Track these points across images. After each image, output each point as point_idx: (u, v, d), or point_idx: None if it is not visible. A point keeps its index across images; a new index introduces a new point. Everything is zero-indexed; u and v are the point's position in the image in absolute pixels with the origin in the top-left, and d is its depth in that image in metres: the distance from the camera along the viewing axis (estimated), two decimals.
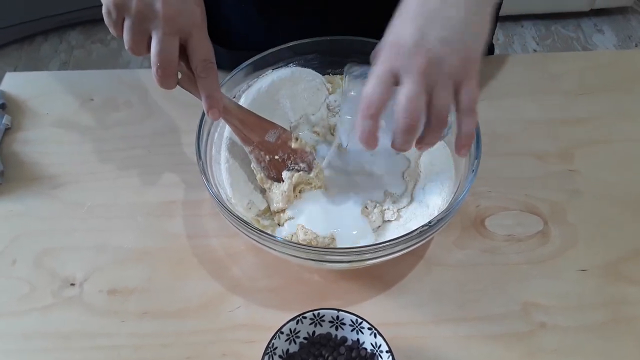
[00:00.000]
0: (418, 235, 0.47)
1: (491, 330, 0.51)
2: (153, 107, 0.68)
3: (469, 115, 0.44)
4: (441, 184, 0.55)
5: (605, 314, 0.52)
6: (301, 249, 0.48)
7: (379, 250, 0.48)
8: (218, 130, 0.57)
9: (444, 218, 0.48)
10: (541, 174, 0.62)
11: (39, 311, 0.53)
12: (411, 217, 0.55)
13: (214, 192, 0.50)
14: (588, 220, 0.58)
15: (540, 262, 0.55)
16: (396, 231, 0.54)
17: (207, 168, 0.53)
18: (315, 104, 0.62)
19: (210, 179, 0.52)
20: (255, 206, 0.56)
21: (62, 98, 0.69)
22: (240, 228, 0.49)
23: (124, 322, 0.52)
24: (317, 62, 0.62)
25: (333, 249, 0.51)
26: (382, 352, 0.46)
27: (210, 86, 0.49)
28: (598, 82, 0.70)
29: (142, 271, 0.55)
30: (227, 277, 0.55)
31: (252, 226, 0.48)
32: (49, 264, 0.55)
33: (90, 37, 1.92)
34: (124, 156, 0.64)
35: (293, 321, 0.47)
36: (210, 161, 0.55)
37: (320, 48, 0.61)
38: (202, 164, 0.52)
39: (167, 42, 0.46)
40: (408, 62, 0.42)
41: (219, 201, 0.49)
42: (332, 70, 0.63)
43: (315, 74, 0.62)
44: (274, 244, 0.48)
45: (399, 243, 0.47)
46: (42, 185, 0.61)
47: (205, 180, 0.50)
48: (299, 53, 0.61)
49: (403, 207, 0.56)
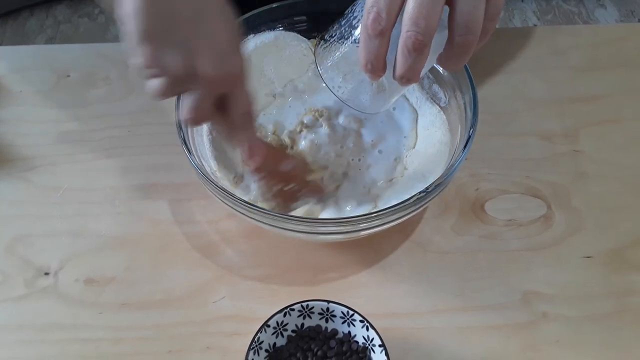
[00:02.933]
0: (415, 202, 0.44)
1: (491, 321, 0.49)
2: (134, 84, 0.64)
3: (483, 32, 0.36)
4: (437, 151, 0.52)
5: (611, 304, 0.49)
6: (293, 220, 0.45)
7: (375, 219, 0.44)
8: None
9: (441, 184, 0.45)
10: (545, 154, 0.58)
11: (12, 302, 0.50)
12: (407, 186, 0.52)
13: (197, 163, 0.47)
14: (594, 204, 0.55)
15: (543, 249, 0.52)
16: (392, 200, 0.50)
17: (189, 140, 0.49)
18: (301, 70, 0.58)
19: (193, 151, 0.49)
20: (242, 179, 0.52)
21: (36, 74, 0.65)
22: (226, 201, 0.46)
23: (102, 313, 0.49)
24: (302, 25, 0.58)
25: (326, 220, 0.48)
26: (374, 346, 0.44)
27: (250, 137, 0.46)
28: (607, 58, 0.66)
29: (121, 259, 0.52)
30: (212, 266, 0.52)
31: (238, 198, 0.45)
32: (22, 252, 0.52)
33: (77, 11, 1.86)
34: (103, 136, 0.60)
35: (280, 313, 0.45)
36: (192, 133, 0.51)
37: (305, 9, 0.57)
38: (184, 135, 0.48)
39: (203, 102, 0.41)
40: None
41: (202, 174, 0.46)
42: (319, 33, 0.59)
43: (300, 38, 0.58)
44: (264, 217, 0.45)
45: (396, 211, 0.44)
46: (15, 167, 0.57)
47: (187, 152, 0.47)
48: (282, 16, 0.57)
49: (397, 176, 0.53)
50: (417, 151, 0.54)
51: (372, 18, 0.36)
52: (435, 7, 0.34)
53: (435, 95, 0.56)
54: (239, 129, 0.45)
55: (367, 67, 0.38)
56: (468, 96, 0.50)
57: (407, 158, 0.55)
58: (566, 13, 1.83)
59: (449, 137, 0.53)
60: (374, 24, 0.36)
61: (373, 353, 0.44)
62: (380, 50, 0.37)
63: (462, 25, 0.35)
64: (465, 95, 0.51)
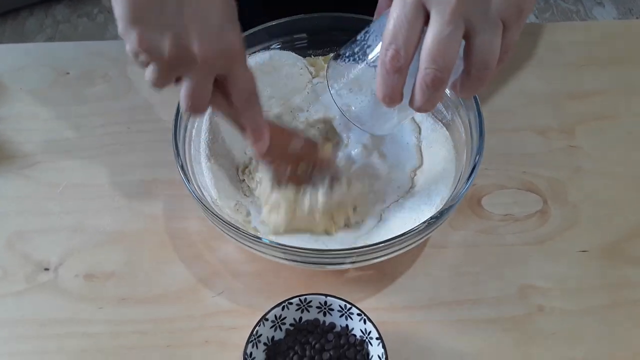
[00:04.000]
0: (425, 229, 0.44)
1: (487, 314, 0.49)
2: (132, 81, 0.64)
3: (499, 62, 0.37)
4: (441, 168, 0.52)
5: (607, 297, 0.50)
6: (300, 253, 0.44)
7: (381, 249, 0.44)
8: (195, 127, 0.53)
9: (451, 208, 0.45)
10: (541, 150, 0.59)
11: (12, 297, 0.50)
12: (414, 206, 0.51)
13: (197, 194, 0.46)
14: (589, 199, 0.55)
15: (539, 243, 0.53)
16: (399, 223, 0.50)
17: (187, 168, 0.48)
18: (297, 89, 0.57)
19: (192, 179, 0.47)
20: (244, 207, 0.52)
21: (36, 72, 0.65)
22: (232, 235, 0.45)
23: (102, 308, 0.49)
24: (297, 44, 0.58)
25: (333, 251, 0.47)
26: (372, 339, 0.44)
27: (254, 119, 0.44)
28: (603, 54, 0.66)
29: (121, 255, 0.52)
30: (211, 261, 0.52)
31: (246, 232, 0.44)
32: (22, 248, 0.53)
33: (76, 10, 1.86)
34: (102, 133, 0.60)
35: (278, 307, 0.45)
36: (190, 159, 0.50)
37: (300, 27, 0.56)
38: (182, 163, 0.47)
39: (201, 86, 0.39)
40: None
41: (203, 204, 0.45)
42: (314, 51, 0.59)
43: (296, 57, 0.58)
44: (271, 250, 0.44)
45: (405, 240, 0.44)
46: (14, 164, 0.58)
47: (186, 181, 0.46)
48: (277, 34, 0.56)
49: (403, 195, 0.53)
50: (422, 169, 0.54)
51: (390, 55, 0.36)
52: (453, 44, 0.34)
53: (439, 111, 0.56)
54: (242, 111, 0.43)
55: (384, 100, 0.38)
56: (473, 114, 0.50)
57: (413, 176, 0.54)
58: (564, 11, 1.83)
59: (453, 154, 0.53)
60: (392, 62, 0.36)
61: (370, 346, 0.44)
62: (398, 85, 0.37)
63: (479, 61, 0.36)
64: (469, 113, 0.51)
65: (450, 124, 0.54)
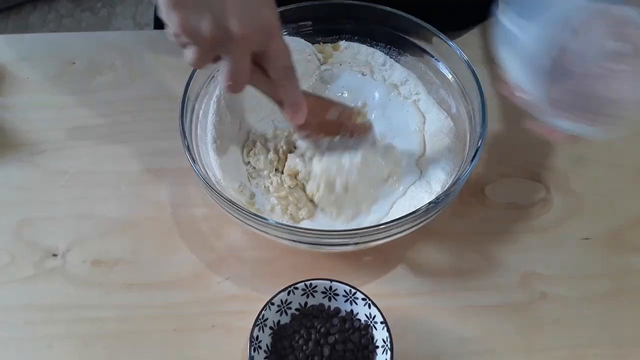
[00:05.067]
0: (424, 213, 0.45)
1: (490, 301, 0.50)
2: (138, 71, 0.64)
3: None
4: (444, 157, 0.53)
5: (609, 284, 0.50)
6: (300, 232, 0.45)
7: (382, 231, 0.45)
8: (203, 108, 0.54)
9: (450, 194, 0.46)
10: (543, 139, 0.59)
11: (20, 282, 0.51)
12: (415, 194, 0.52)
13: (202, 174, 0.47)
14: (592, 188, 0.56)
15: (542, 231, 0.53)
16: (400, 209, 0.51)
17: (193, 148, 0.49)
18: (305, 75, 0.58)
19: (197, 159, 0.48)
20: (247, 188, 0.53)
21: (43, 62, 0.66)
22: (232, 212, 0.46)
23: (109, 293, 0.50)
24: (305, 30, 0.58)
25: (334, 231, 0.48)
26: (376, 323, 0.45)
27: (293, 92, 0.45)
28: None
29: (127, 241, 0.53)
30: (217, 247, 0.52)
31: (245, 209, 0.45)
32: (30, 235, 0.53)
33: (79, 5, 1.86)
34: (108, 122, 0.61)
35: (284, 292, 0.45)
36: (196, 140, 0.51)
37: (309, 14, 0.57)
38: (188, 144, 0.48)
39: (241, 63, 0.41)
40: None
41: (207, 184, 0.46)
42: (323, 38, 0.59)
43: (305, 43, 0.58)
44: (272, 229, 0.45)
45: (405, 222, 0.45)
46: (22, 152, 0.58)
47: (192, 161, 0.47)
48: (286, 21, 0.56)
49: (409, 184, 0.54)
50: (425, 157, 0.55)
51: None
52: None
53: (443, 100, 0.56)
54: (280, 85, 0.44)
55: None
56: (477, 102, 0.50)
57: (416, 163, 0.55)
58: None
59: (456, 144, 0.53)
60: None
61: (375, 330, 0.45)
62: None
63: None
64: (473, 102, 0.51)
65: (456, 114, 0.55)
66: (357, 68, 0.59)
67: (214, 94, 0.55)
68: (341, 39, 0.59)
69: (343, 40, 0.59)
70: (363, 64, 0.59)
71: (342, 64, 0.59)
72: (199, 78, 0.53)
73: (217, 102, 0.54)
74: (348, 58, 0.59)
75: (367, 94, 0.58)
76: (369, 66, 0.59)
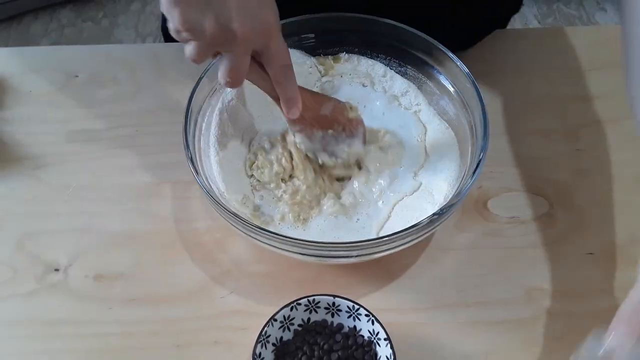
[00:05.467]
0: (427, 225, 0.45)
1: (494, 317, 0.49)
2: (141, 84, 0.64)
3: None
4: (446, 168, 0.53)
5: (614, 300, 0.50)
6: (303, 245, 0.44)
7: (385, 243, 0.45)
8: (205, 121, 0.54)
9: (453, 206, 0.46)
10: (547, 153, 0.59)
11: (22, 297, 0.50)
12: (417, 205, 0.52)
13: (205, 186, 0.47)
14: (595, 202, 0.56)
15: (545, 246, 0.53)
16: (402, 220, 0.51)
17: (197, 160, 0.49)
18: (307, 87, 0.57)
19: (201, 172, 0.49)
20: (251, 200, 0.52)
21: (45, 75, 0.66)
22: (235, 224, 0.46)
23: (111, 308, 0.50)
24: (306, 42, 0.58)
25: (337, 244, 0.47)
26: (379, 340, 0.44)
27: (290, 90, 0.47)
28: (607, 58, 0.66)
29: (130, 256, 0.53)
30: (219, 262, 0.52)
31: (248, 222, 0.45)
32: (32, 249, 0.53)
33: (81, 15, 1.87)
34: (111, 135, 0.61)
35: (287, 308, 0.45)
36: (199, 153, 0.52)
37: (309, 27, 0.57)
38: (191, 156, 0.48)
39: (240, 61, 0.42)
40: None
41: (211, 196, 0.46)
42: (323, 50, 0.59)
43: (305, 56, 0.58)
44: (274, 241, 0.45)
45: (409, 235, 0.44)
46: (25, 166, 0.58)
47: (195, 173, 0.47)
48: (288, 34, 0.56)
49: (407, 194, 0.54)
50: (426, 168, 0.55)
51: None
52: None
53: (444, 111, 0.56)
54: (278, 83, 0.45)
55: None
56: (478, 114, 0.50)
57: (417, 174, 0.55)
58: (567, 16, 1.84)
59: (458, 155, 0.53)
60: None
61: (378, 347, 0.45)
62: None
63: None
64: (475, 114, 0.51)
65: (457, 125, 0.55)
66: (357, 80, 0.59)
67: (217, 106, 0.55)
68: (342, 51, 0.60)
69: (344, 52, 0.60)
70: (363, 75, 0.59)
71: (343, 75, 0.60)
72: (201, 91, 0.53)
73: (220, 115, 0.54)
74: (349, 70, 0.60)
75: (368, 105, 0.58)
76: (369, 77, 0.59)
